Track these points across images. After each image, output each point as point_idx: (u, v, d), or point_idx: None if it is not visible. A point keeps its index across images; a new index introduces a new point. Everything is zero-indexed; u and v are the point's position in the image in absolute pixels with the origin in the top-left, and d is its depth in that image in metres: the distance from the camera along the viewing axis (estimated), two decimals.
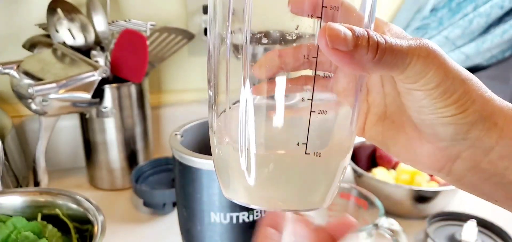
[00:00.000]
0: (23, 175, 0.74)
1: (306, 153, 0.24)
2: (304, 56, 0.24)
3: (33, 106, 0.62)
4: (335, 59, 0.22)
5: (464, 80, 0.25)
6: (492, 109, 0.26)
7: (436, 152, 0.28)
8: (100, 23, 0.71)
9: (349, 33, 0.22)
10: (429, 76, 0.25)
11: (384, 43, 0.23)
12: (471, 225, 0.58)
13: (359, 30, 0.22)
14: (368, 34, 0.22)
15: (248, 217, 0.48)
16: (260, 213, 0.49)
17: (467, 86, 0.26)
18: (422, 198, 0.65)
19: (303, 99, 0.24)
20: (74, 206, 0.50)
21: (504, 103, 0.27)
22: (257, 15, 0.23)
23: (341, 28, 0.22)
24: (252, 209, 0.48)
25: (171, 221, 0.67)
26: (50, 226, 0.48)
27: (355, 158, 0.73)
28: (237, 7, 0.24)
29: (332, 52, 0.22)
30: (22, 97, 0.63)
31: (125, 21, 0.76)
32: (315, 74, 0.24)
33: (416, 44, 0.24)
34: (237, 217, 0.47)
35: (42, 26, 0.75)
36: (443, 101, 0.25)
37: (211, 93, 0.26)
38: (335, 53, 0.22)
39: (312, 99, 0.24)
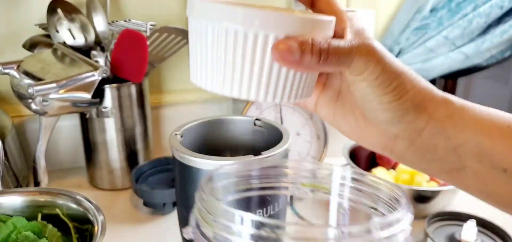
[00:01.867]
0: (23, 174, 0.74)
1: None
2: None
3: (33, 106, 0.62)
4: (288, 66, 0.28)
5: (399, 74, 0.31)
6: (423, 97, 0.31)
7: (379, 132, 0.34)
8: (100, 23, 0.71)
9: (295, 45, 0.27)
10: (369, 70, 0.30)
11: (327, 47, 0.28)
12: (471, 225, 0.58)
13: (303, 40, 0.27)
14: (312, 43, 0.27)
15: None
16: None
17: (402, 78, 0.31)
18: (421, 197, 0.65)
19: None
20: (74, 205, 0.50)
21: (435, 91, 0.32)
22: None
23: (289, 42, 0.27)
24: (252, 211, 0.48)
25: (171, 221, 0.67)
26: (50, 226, 0.48)
27: (355, 158, 0.73)
28: None
29: (284, 63, 0.28)
30: (22, 97, 0.63)
31: (125, 21, 0.76)
32: None
33: (358, 44, 0.29)
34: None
35: (42, 26, 0.75)
36: (381, 90, 0.30)
37: None
38: (286, 63, 0.28)
39: None
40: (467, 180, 0.32)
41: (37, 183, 0.69)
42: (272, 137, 0.52)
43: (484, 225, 0.60)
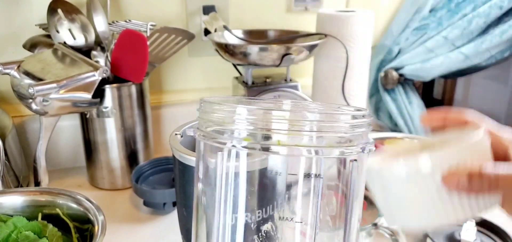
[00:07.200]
0: (23, 174, 0.75)
1: None
2: None
3: (34, 106, 0.62)
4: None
5: None
6: None
7: None
8: (100, 23, 0.71)
9: (464, 180, 0.30)
10: None
11: (496, 178, 0.30)
12: (471, 225, 0.58)
13: (472, 173, 0.30)
14: (480, 175, 0.30)
15: (249, 218, 0.48)
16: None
17: None
18: None
19: None
20: (74, 205, 0.50)
21: None
22: None
23: (458, 178, 0.30)
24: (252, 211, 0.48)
25: (171, 220, 0.67)
26: (50, 226, 0.48)
27: None
28: None
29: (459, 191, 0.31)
30: (23, 98, 0.64)
31: (126, 21, 0.76)
32: None
33: None
34: (237, 218, 0.48)
35: (43, 27, 0.75)
36: None
37: None
38: (461, 191, 0.31)
39: None
40: None
41: (37, 183, 0.69)
42: None
43: (484, 225, 0.60)
